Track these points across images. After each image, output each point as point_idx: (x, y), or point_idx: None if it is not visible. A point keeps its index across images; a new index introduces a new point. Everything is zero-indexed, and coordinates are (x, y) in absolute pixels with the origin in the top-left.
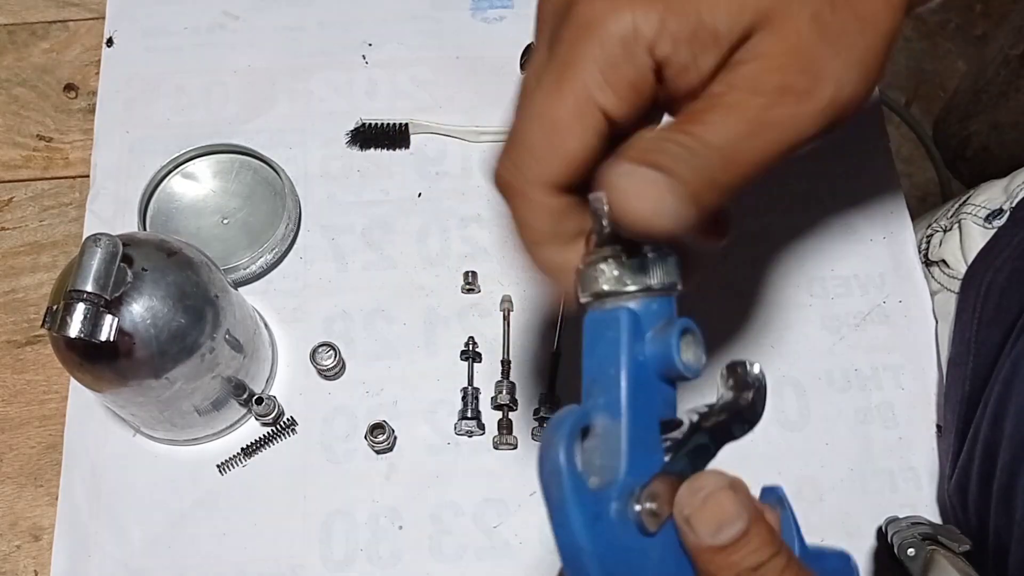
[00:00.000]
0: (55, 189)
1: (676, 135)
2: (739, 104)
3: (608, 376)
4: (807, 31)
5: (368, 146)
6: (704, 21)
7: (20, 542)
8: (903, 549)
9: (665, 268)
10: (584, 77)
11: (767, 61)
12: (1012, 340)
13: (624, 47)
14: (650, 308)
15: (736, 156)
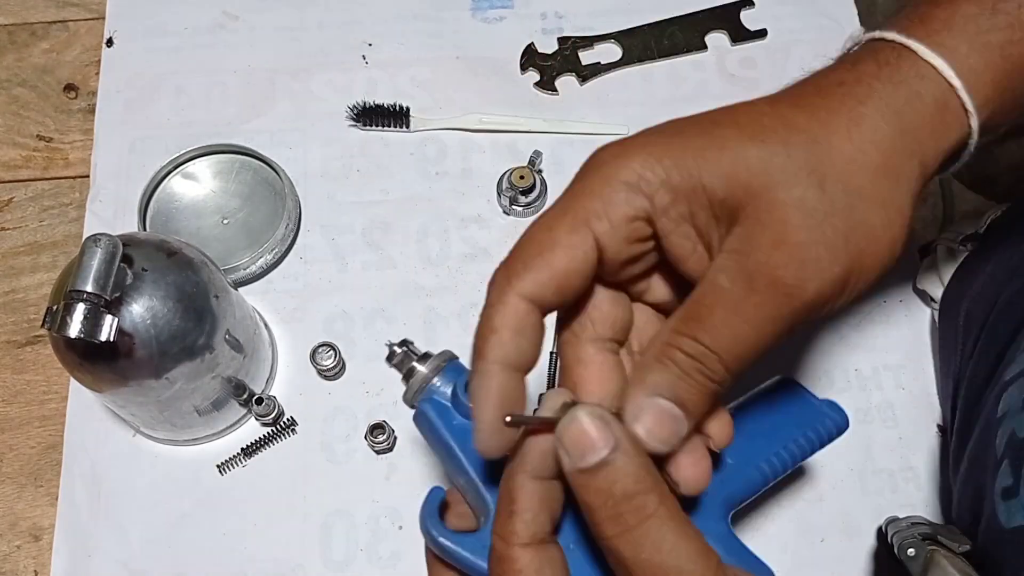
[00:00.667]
0: (55, 189)
1: (682, 345)
2: (738, 304)
3: (444, 451)
4: (792, 219)
5: (370, 123)
6: (704, 183)
7: (20, 542)
8: (903, 549)
9: (436, 357)
10: (585, 204)
11: (758, 255)
12: (990, 388)
13: (626, 187)
14: (446, 379)
15: (739, 355)
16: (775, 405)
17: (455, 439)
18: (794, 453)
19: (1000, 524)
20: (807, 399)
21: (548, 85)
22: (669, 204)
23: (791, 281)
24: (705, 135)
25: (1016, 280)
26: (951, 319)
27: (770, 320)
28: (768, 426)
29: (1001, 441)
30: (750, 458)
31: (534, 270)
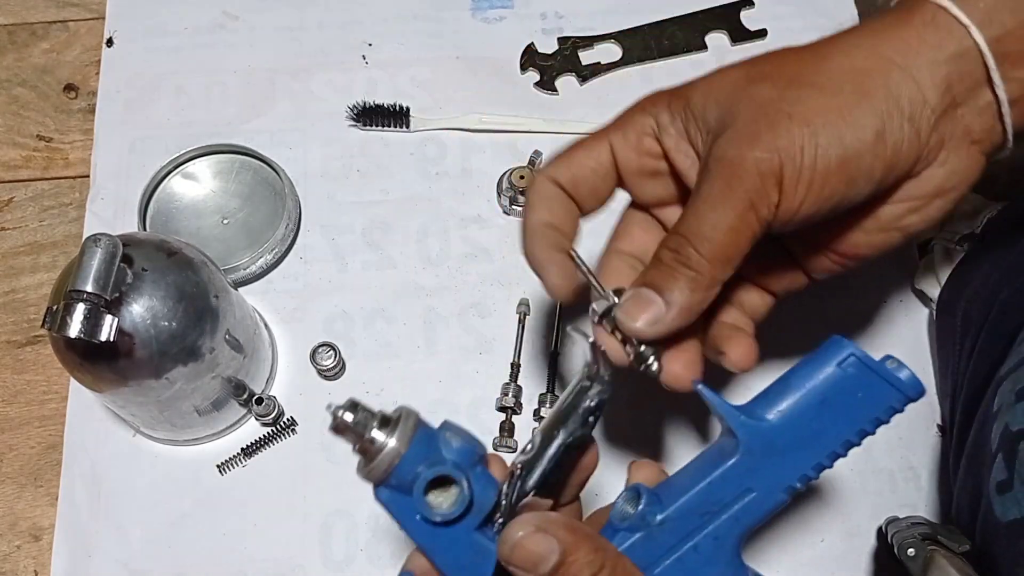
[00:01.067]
0: (55, 189)
1: (664, 243)
2: (700, 192)
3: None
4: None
5: (370, 123)
6: (691, 102)
7: (20, 542)
8: (903, 549)
9: (401, 423)
10: (607, 127)
11: (715, 147)
12: (989, 388)
13: (640, 112)
14: (405, 467)
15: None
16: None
17: (422, 539)
18: (839, 455)
19: (996, 518)
20: (868, 374)
21: (548, 85)
22: (668, 122)
23: (726, 155)
24: (700, 77)
25: (1014, 280)
26: (949, 319)
27: (721, 195)
28: (809, 432)
29: (995, 436)
30: (782, 479)
31: (556, 161)
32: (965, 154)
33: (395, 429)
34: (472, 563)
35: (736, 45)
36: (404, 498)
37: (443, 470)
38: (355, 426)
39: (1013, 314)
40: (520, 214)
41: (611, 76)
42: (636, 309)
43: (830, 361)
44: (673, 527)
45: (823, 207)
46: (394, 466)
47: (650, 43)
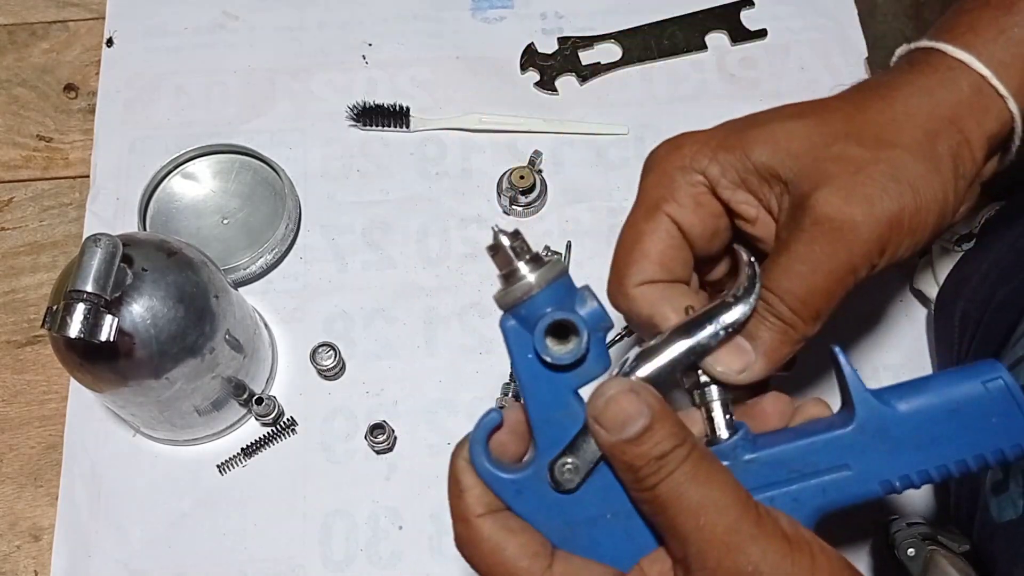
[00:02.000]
0: (55, 189)
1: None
2: (794, 248)
3: (515, 375)
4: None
5: (370, 123)
6: (748, 153)
7: (20, 542)
8: (903, 549)
9: (547, 266)
10: (651, 194)
11: (807, 203)
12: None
13: (681, 171)
14: (536, 303)
15: (802, 295)
16: (957, 406)
17: (524, 377)
18: (949, 472)
19: (992, 519)
20: (1010, 403)
21: (548, 85)
22: (720, 175)
23: (837, 216)
24: (749, 120)
25: (1010, 279)
26: (947, 319)
27: (825, 257)
28: (929, 435)
29: None
30: (883, 470)
31: (634, 262)
32: (976, 193)
33: (539, 268)
34: (560, 420)
35: (736, 45)
36: (525, 333)
37: (570, 316)
38: (507, 251)
39: (1009, 313)
40: (520, 214)
41: (611, 76)
42: (727, 355)
43: (977, 376)
44: (759, 471)
45: (900, 260)
46: (526, 299)
47: (650, 43)
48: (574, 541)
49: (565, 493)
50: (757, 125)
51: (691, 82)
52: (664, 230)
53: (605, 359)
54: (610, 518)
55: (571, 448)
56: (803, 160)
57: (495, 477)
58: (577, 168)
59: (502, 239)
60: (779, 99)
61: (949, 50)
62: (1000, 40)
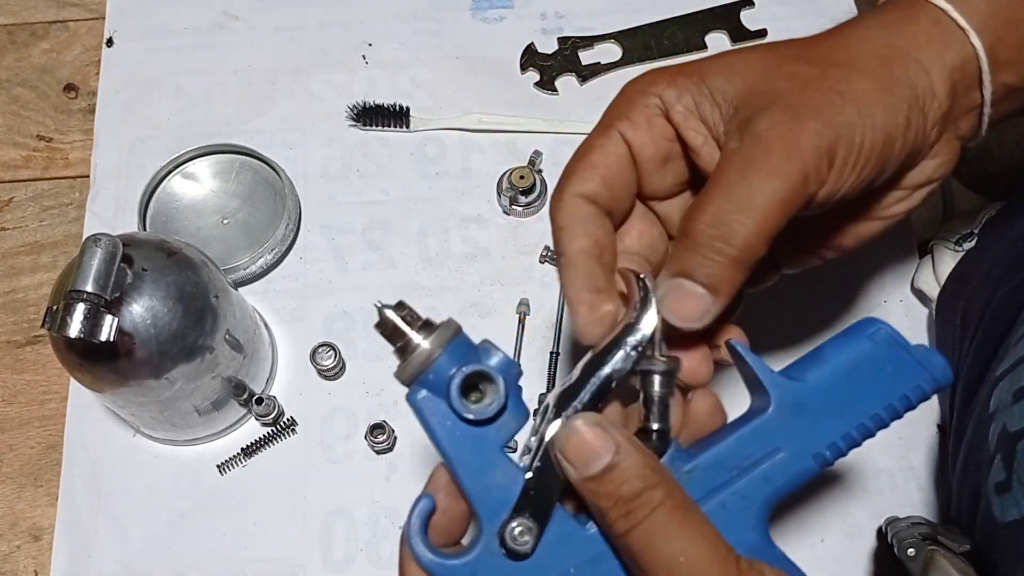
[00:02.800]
0: (55, 189)
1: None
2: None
3: (438, 450)
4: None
5: (370, 123)
6: (704, 77)
7: (20, 542)
8: (903, 549)
9: (440, 329)
10: (609, 114)
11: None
12: (983, 386)
13: (640, 94)
14: (441, 366)
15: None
16: (853, 365)
17: (447, 445)
18: (868, 430)
19: (995, 519)
20: (897, 350)
21: (548, 85)
22: (675, 99)
23: (790, 127)
24: (709, 57)
25: (1011, 279)
26: (948, 319)
27: (781, 164)
28: (839, 398)
29: (993, 436)
30: (811, 443)
31: (577, 172)
32: (951, 147)
33: (434, 332)
34: (497, 483)
35: (736, 45)
36: (438, 400)
37: (482, 367)
38: (397, 324)
39: (1008, 313)
40: (520, 214)
41: (611, 76)
42: (680, 304)
43: (861, 333)
44: (702, 478)
45: (856, 189)
46: (428, 366)
47: (650, 43)
48: None
49: (522, 559)
50: (716, 56)
51: None
52: (612, 145)
53: (523, 409)
54: (574, 572)
55: (518, 509)
56: (753, 81)
57: (443, 567)
58: None
59: (388, 314)
60: None
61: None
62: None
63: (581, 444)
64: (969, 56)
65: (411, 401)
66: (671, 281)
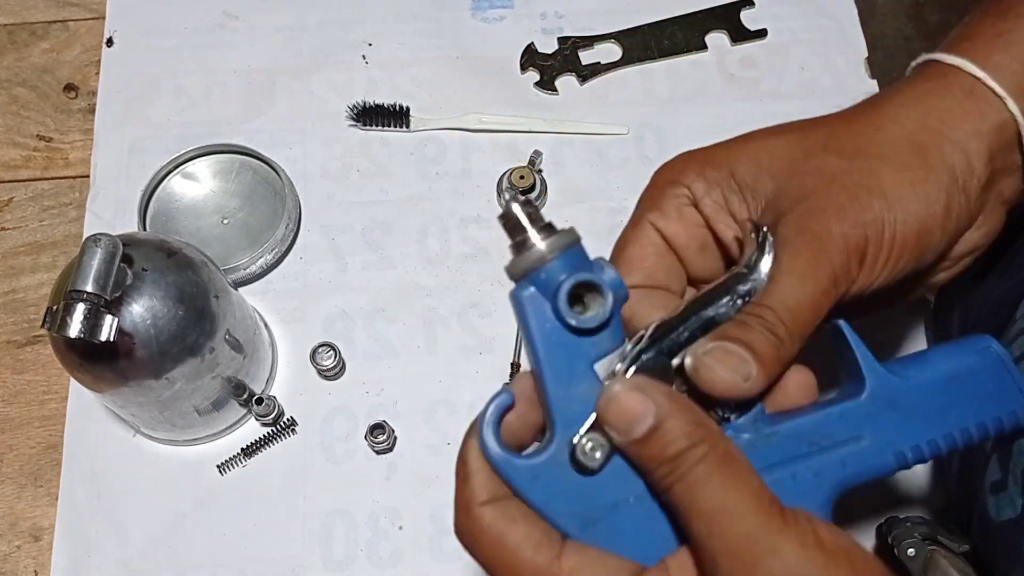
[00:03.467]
0: (55, 189)
1: (752, 312)
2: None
3: (529, 349)
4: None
5: (370, 123)
6: (732, 170)
7: (20, 542)
8: (903, 549)
9: (560, 234)
10: (641, 207)
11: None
12: None
13: (669, 184)
14: (554, 269)
15: (790, 305)
16: (956, 374)
17: (541, 347)
18: (955, 442)
19: (991, 518)
20: (1003, 372)
21: (548, 85)
22: (704, 192)
23: (818, 229)
24: (741, 138)
25: (1006, 276)
26: (946, 318)
27: (810, 269)
28: (934, 403)
29: None
30: (896, 440)
31: (618, 268)
32: (996, 213)
33: (553, 235)
34: (580, 395)
35: (736, 45)
36: (543, 301)
37: (594, 279)
38: (520, 218)
39: (1004, 311)
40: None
41: (611, 76)
42: (727, 362)
43: (972, 347)
44: (780, 444)
45: (894, 280)
46: (542, 264)
47: (650, 43)
48: (595, 530)
49: (588, 474)
50: (745, 142)
51: (691, 82)
52: (647, 237)
53: (620, 332)
54: (633, 501)
55: (594, 425)
56: (781, 178)
57: (509, 464)
58: (577, 168)
59: (514, 207)
60: (779, 99)
61: (943, 58)
62: (997, 43)
63: (621, 409)
64: (1006, 121)
65: (517, 296)
66: (715, 343)
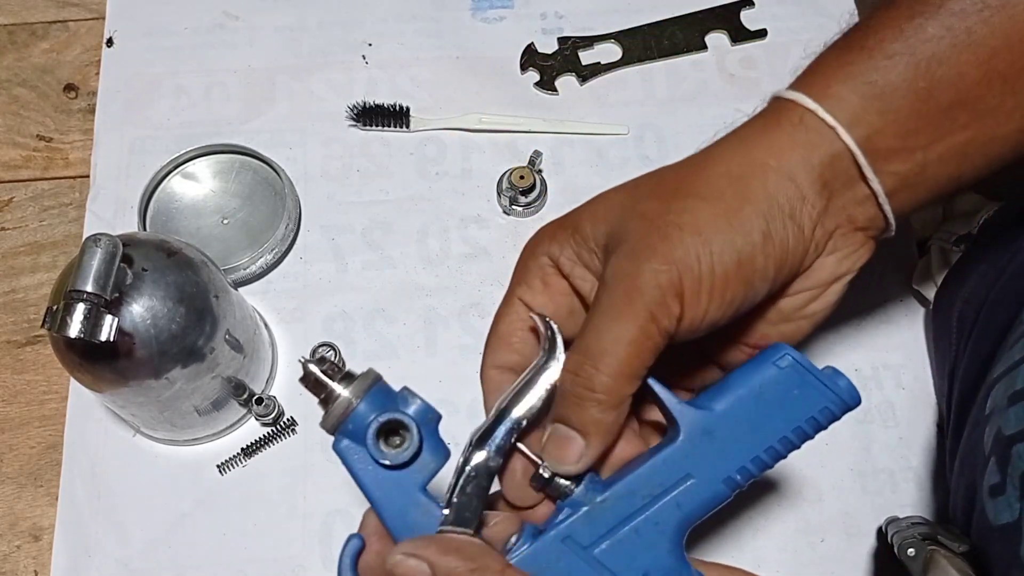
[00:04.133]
0: (55, 189)
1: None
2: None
3: (363, 495)
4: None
5: (370, 123)
6: (579, 227)
7: (20, 542)
8: (903, 549)
9: (360, 378)
10: (513, 281)
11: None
12: (980, 387)
13: (531, 256)
14: (360, 415)
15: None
16: (760, 391)
17: (370, 489)
18: (779, 452)
19: (989, 521)
20: (803, 374)
21: (548, 85)
22: (559, 252)
23: (628, 269)
24: (588, 200)
25: (1005, 280)
26: (944, 319)
27: (623, 307)
28: (747, 424)
29: (989, 439)
30: (721, 468)
31: (490, 345)
32: (852, 240)
33: (354, 382)
34: (417, 522)
35: (736, 45)
36: (359, 448)
37: (394, 415)
38: (319, 376)
39: (1003, 314)
40: (520, 214)
41: (611, 76)
42: (559, 450)
43: (767, 360)
44: (616, 506)
45: (727, 311)
46: (348, 414)
47: (650, 43)
48: None
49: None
50: (590, 201)
51: (691, 82)
52: (516, 313)
53: (443, 450)
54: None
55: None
56: (613, 224)
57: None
58: (577, 168)
59: (310, 367)
60: None
61: (783, 93)
62: (838, 75)
63: (401, 574)
64: (840, 152)
65: (336, 449)
66: (551, 427)
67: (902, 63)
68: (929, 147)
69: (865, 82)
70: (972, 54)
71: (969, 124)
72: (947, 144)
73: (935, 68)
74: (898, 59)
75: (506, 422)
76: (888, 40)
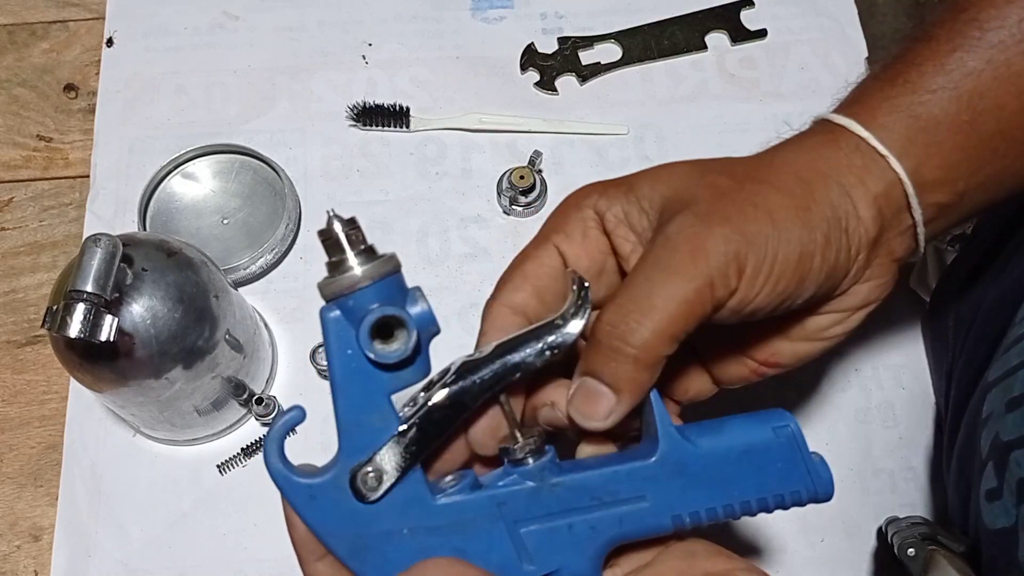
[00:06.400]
0: (55, 189)
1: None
2: (643, 266)
3: (328, 368)
4: (699, 195)
5: (370, 123)
6: (633, 188)
7: (20, 542)
8: (903, 549)
9: (380, 261)
10: (547, 226)
11: (667, 228)
12: (977, 390)
13: (575, 208)
14: (364, 297)
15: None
16: (747, 448)
17: (338, 372)
18: (734, 511)
19: (985, 525)
20: (795, 451)
21: (548, 85)
22: (606, 208)
23: (698, 229)
24: (641, 170)
25: (1001, 280)
26: (941, 319)
27: (685, 267)
28: (721, 474)
29: (986, 443)
30: (676, 504)
31: (510, 281)
32: (887, 270)
33: (372, 261)
34: (370, 425)
35: (736, 45)
36: (348, 327)
37: (399, 313)
38: (340, 238)
39: (999, 316)
40: (520, 214)
41: (611, 76)
42: (586, 405)
43: (769, 422)
44: (563, 495)
45: (772, 303)
46: (351, 291)
47: (650, 43)
48: (364, 556)
49: (365, 503)
50: (648, 169)
51: (691, 82)
52: (547, 257)
53: (425, 367)
54: (407, 533)
55: (379, 457)
56: (675, 190)
57: (287, 480)
58: (577, 168)
59: (335, 225)
60: (779, 99)
61: (833, 117)
62: (883, 107)
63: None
64: (893, 181)
65: (323, 316)
66: (578, 380)
67: (945, 97)
68: (970, 177)
69: (910, 115)
70: (1012, 85)
71: (1008, 153)
72: (986, 173)
73: (977, 101)
74: (941, 93)
75: (500, 363)
76: (930, 74)
